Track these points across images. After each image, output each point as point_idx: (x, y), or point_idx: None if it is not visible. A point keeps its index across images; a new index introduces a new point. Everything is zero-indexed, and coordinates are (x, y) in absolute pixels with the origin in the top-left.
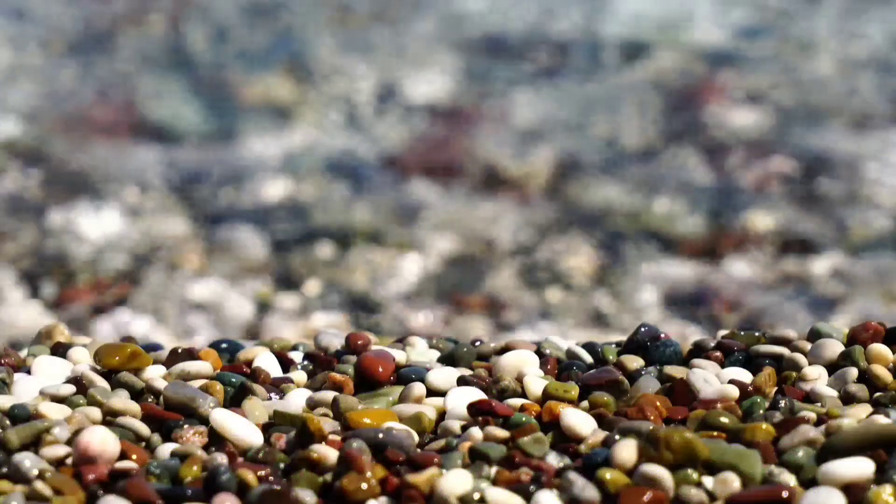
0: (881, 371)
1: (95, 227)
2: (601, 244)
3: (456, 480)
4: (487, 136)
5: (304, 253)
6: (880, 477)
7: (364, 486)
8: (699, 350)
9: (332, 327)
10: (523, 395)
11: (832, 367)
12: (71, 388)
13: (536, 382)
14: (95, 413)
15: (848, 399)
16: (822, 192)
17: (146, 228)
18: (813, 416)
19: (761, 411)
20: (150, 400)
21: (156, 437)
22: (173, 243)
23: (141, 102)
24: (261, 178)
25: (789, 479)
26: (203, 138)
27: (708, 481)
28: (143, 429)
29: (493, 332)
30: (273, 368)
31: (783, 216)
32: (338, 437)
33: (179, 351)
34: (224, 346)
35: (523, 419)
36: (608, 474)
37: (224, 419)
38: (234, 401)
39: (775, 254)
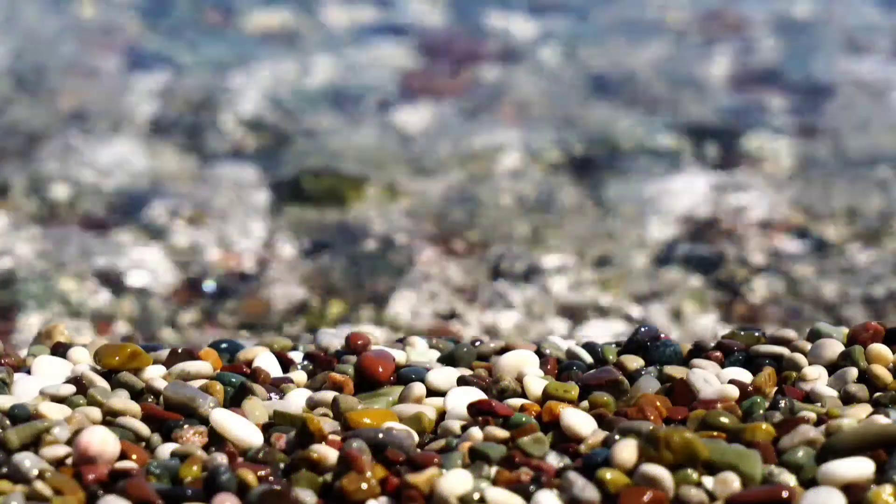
0: (881, 371)
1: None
2: None
3: (456, 480)
4: None
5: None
6: (880, 477)
7: (364, 486)
8: (699, 350)
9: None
10: (523, 395)
11: (832, 367)
12: (71, 388)
13: (536, 382)
14: (95, 413)
15: (848, 399)
16: None
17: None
18: (813, 416)
19: (761, 411)
20: (150, 400)
21: (156, 437)
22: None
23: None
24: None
25: (789, 479)
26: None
27: (708, 481)
28: (143, 429)
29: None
30: (273, 368)
31: None
32: (338, 437)
33: (179, 351)
34: (224, 346)
35: (523, 419)
36: (608, 474)
37: (224, 419)
38: (234, 401)
39: None
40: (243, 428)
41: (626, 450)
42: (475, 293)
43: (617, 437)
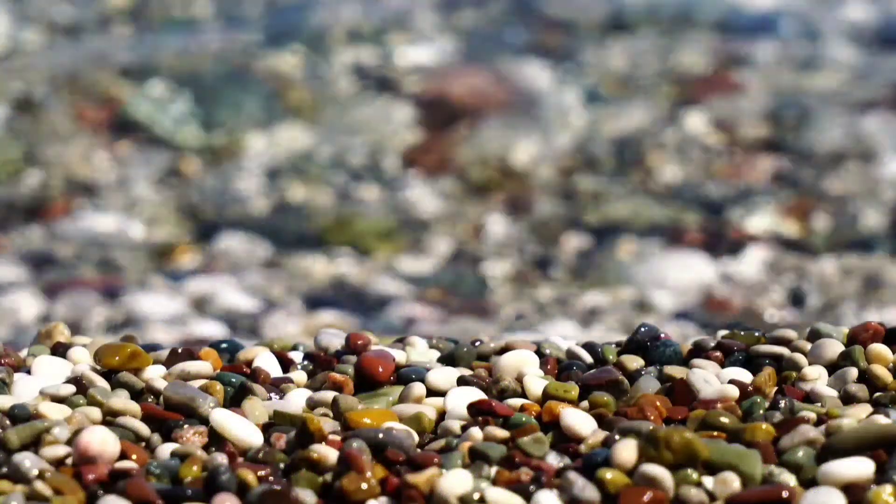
0: (881, 371)
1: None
2: None
3: (456, 480)
4: None
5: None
6: (880, 477)
7: (364, 486)
8: (699, 350)
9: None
10: (523, 395)
11: (832, 367)
12: (71, 388)
13: (536, 382)
14: (95, 413)
15: (848, 399)
16: None
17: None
18: (813, 416)
19: (761, 411)
20: (150, 400)
21: (156, 437)
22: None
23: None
24: None
25: (789, 479)
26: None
27: (708, 481)
28: (143, 429)
29: None
30: (273, 368)
31: None
32: (338, 437)
33: (179, 351)
34: (224, 346)
35: (523, 419)
36: (608, 474)
37: (224, 419)
38: (234, 401)
39: None
40: (243, 428)
41: (626, 450)
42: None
43: (617, 437)
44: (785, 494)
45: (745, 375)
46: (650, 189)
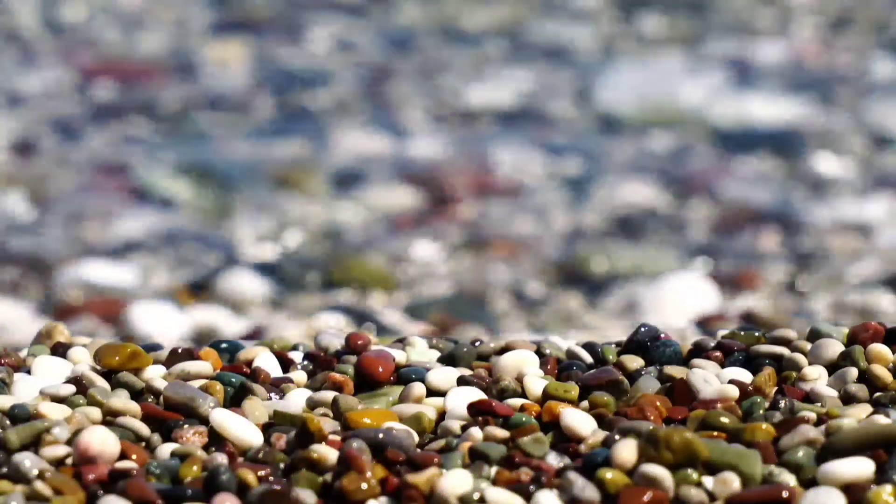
0: (881, 371)
1: None
2: None
3: (456, 480)
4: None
5: None
6: (880, 477)
7: (364, 486)
8: (699, 350)
9: (332, 328)
10: (523, 395)
11: (832, 367)
12: (71, 388)
13: (536, 382)
14: (95, 413)
15: (848, 399)
16: None
17: None
18: (813, 416)
19: (761, 411)
20: (150, 400)
21: (156, 437)
22: None
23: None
24: None
25: (789, 479)
26: None
27: (708, 481)
28: (143, 429)
29: None
30: (273, 368)
31: None
32: (338, 437)
33: (179, 351)
34: (224, 346)
35: (523, 419)
36: (608, 474)
37: (224, 419)
38: (234, 401)
39: None
40: (243, 428)
41: (626, 450)
42: None
43: (617, 437)
44: (785, 494)
45: (745, 375)
46: None
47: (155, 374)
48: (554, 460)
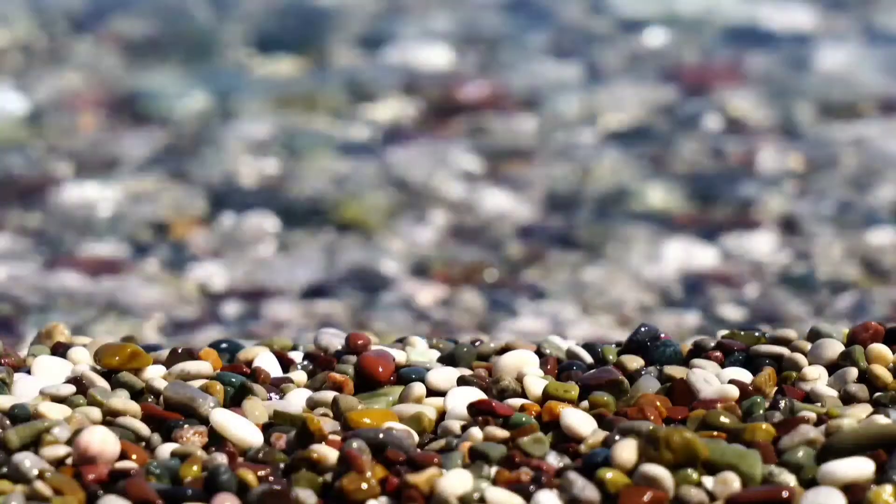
0: (881, 371)
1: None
2: None
3: (456, 480)
4: None
5: None
6: (880, 477)
7: (364, 486)
8: (699, 350)
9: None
10: (523, 395)
11: (832, 367)
12: (71, 388)
13: (536, 382)
14: (95, 413)
15: (848, 399)
16: None
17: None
18: (813, 416)
19: (761, 411)
20: (150, 400)
21: (156, 437)
22: None
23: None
24: None
25: (789, 479)
26: None
27: (708, 481)
28: (143, 429)
29: None
30: (273, 368)
31: None
32: (338, 437)
33: (179, 351)
34: (224, 346)
35: (523, 419)
36: (608, 474)
37: (224, 419)
38: (234, 401)
39: None
40: (243, 428)
41: (626, 450)
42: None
43: (617, 437)
44: (785, 494)
45: (745, 375)
46: None
47: (155, 374)
48: (554, 460)
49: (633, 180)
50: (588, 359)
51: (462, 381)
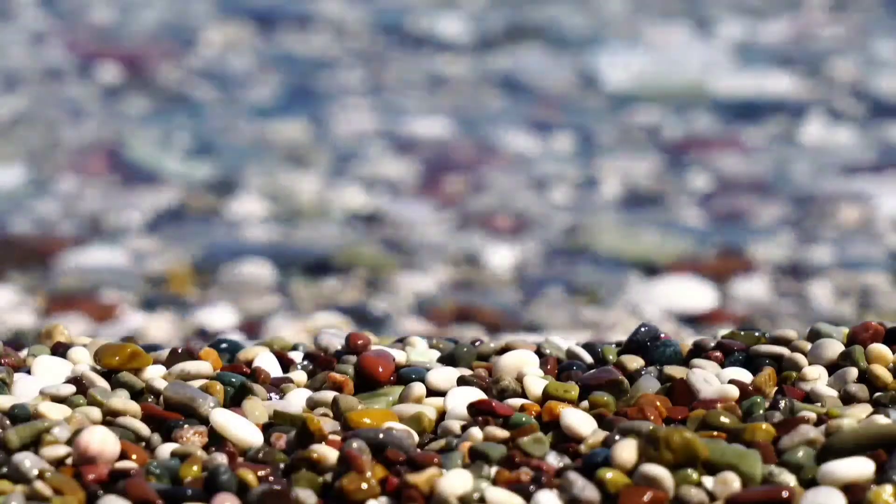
0: (881, 371)
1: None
2: None
3: (456, 480)
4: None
5: None
6: (880, 477)
7: (364, 486)
8: (699, 350)
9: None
10: (523, 395)
11: (832, 367)
12: (71, 388)
13: (536, 382)
14: (95, 413)
15: (848, 399)
16: None
17: None
18: (813, 416)
19: (761, 411)
20: (150, 400)
21: (156, 437)
22: None
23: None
24: None
25: (789, 479)
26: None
27: (708, 481)
28: (143, 429)
29: None
30: (273, 368)
31: None
32: (338, 437)
33: (179, 351)
34: (224, 346)
35: (523, 419)
36: (608, 474)
37: (224, 419)
38: (234, 401)
39: None
40: (243, 428)
41: (626, 450)
42: None
43: (617, 437)
44: (785, 494)
45: (745, 375)
46: None
47: (155, 374)
48: (554, 460)
49: (628, 235)
50: (588, 359)
51: (462, 381)
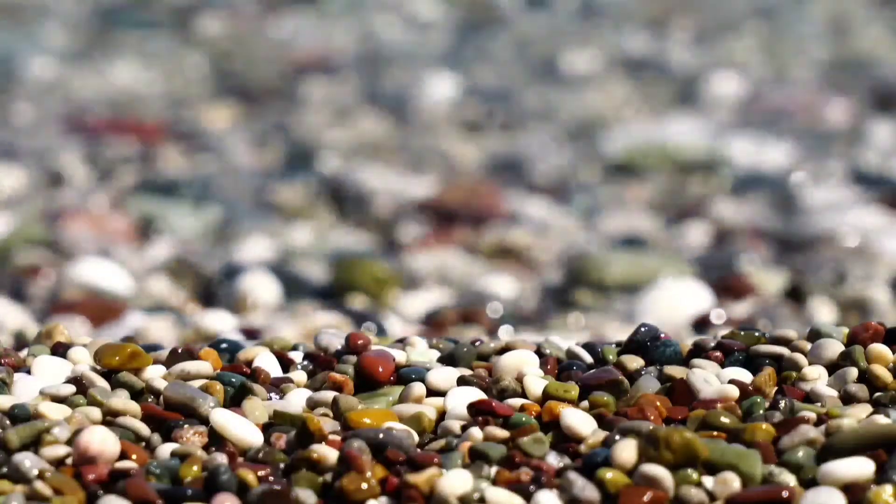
0: (881, 371)
1: None
2: None
3: (456, 480)
4: None
5: None
6: (880, 477)
7: (364, 486)
8: (699, 350)
9: (332, 327)
10: (523, 395)
11: (832, 367)
12: (71, 388)
13: (536, 382)
14: (95, 413)
15: (848, 399)
16: None
17: None
18: (813, 416)
19: (761, 411)
20: (150, 400)
21: (156, 437)
22: None
23: None
24: None
25: (789, 479)
26: None
27: (708, 481)
28: (143, 429)
29: None
30: (273, 368)
31: None
32: (338, 437)
33: (179, 351)
34: (224, 346)
35: (523, 419)
36: (608, 474)
37: (224, 419)
38: (234, 401)
39: None
40: (243, 428)
41: (626, 450)
42: None
43: (617, 437)
44: (785, 494)
45: (745, 375)
46: None
47: (155, 374)
48: (554, 460)
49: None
50: (588, 359)
51: (462, 381)
